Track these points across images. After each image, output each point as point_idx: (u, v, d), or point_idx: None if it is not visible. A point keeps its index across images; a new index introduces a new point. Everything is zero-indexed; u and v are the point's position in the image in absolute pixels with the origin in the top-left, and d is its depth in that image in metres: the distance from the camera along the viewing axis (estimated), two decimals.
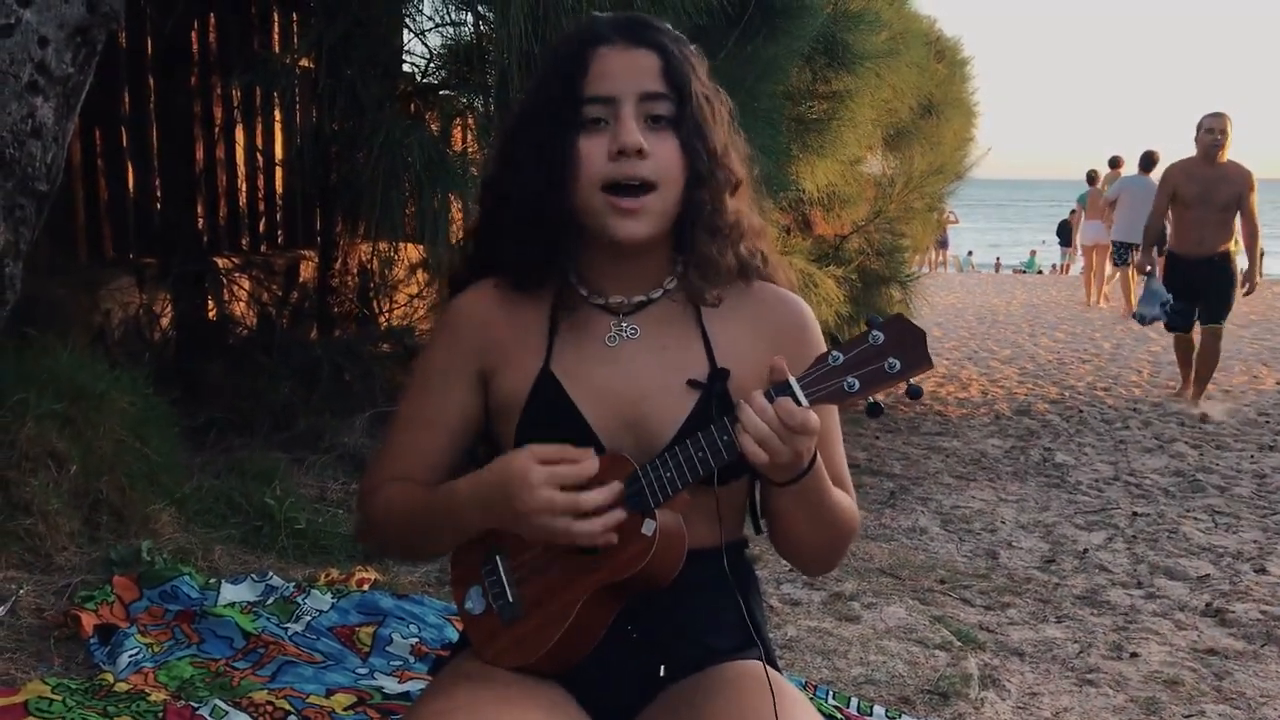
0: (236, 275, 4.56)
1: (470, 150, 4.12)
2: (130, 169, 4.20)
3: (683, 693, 1.34)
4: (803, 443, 1.23)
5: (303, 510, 3.14)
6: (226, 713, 1.92)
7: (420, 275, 4.90)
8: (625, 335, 1.40)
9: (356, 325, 4.78)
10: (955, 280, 19.48)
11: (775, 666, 1.44)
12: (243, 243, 4.89)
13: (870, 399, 1.24)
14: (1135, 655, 2.81)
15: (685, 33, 1.43)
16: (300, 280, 4.98)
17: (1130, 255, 11.35)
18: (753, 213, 1.46)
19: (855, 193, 5.99)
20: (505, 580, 1.36)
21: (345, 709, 2.02)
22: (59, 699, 1.92)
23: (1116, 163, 13.81)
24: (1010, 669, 2.68)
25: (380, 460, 1.49)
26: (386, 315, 4.89)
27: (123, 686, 2.02)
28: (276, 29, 4.87)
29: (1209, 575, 3.55)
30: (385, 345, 4.58)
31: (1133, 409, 6.78)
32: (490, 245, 1.44)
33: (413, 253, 4.82)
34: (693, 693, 1.33)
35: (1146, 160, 11.61)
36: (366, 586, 2.67)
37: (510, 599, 1.35)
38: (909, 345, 1.21)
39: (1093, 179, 14.20)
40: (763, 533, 1.45)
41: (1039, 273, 24.86)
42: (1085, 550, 3.79)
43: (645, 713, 1.36)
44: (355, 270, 4.78)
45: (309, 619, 2.45)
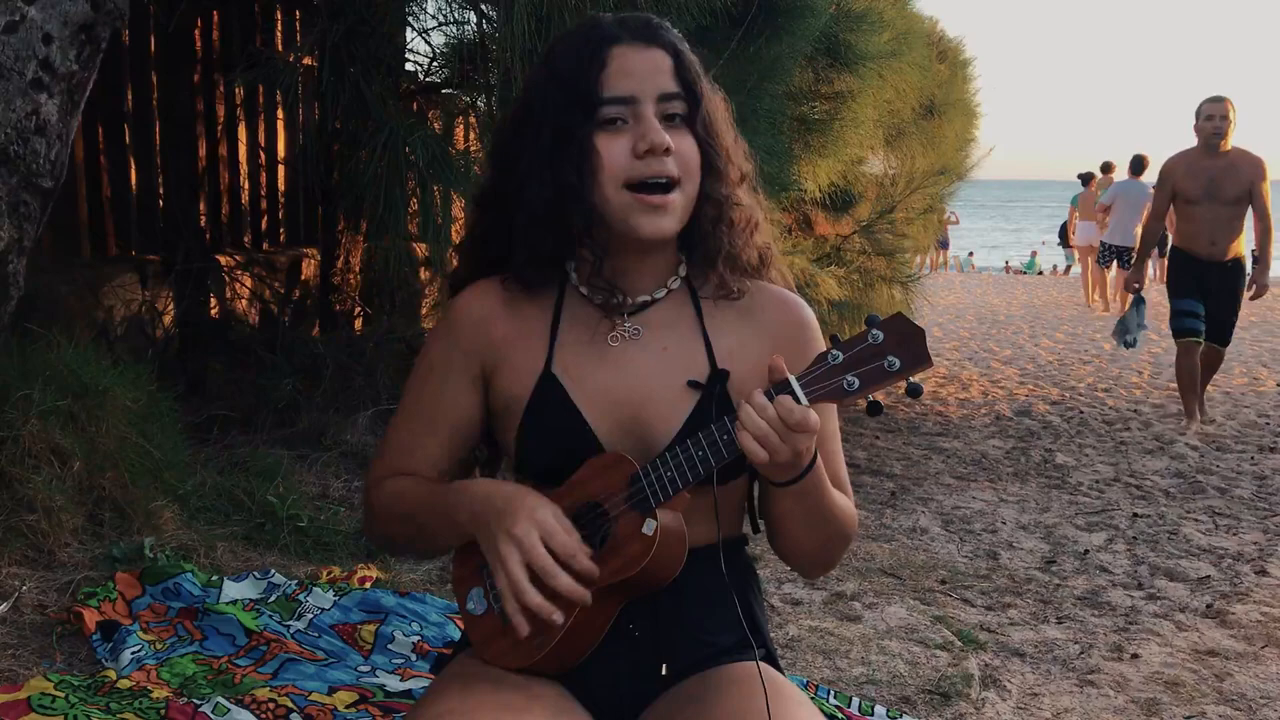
0: (239, 272, 4.57)
1: (473, 149, 4.13)
2: (133, 166, 4.22)
3: (686, 691, 1.34)
4: (802, 441, 1.23)
5: (305, 507, 3.15)
6: (228, 710, 1.92)
7: (423, 272, 4.90)
8: (627, 336, 1.40)
9: (362, 322, 4.79)
10: (956, 281, 19.48)
11: (776, 664, 1.44)
12: (245, 240, 4.91)
13: (870, 398, 1.24)
14: (1136, 656, 2.81)
15: (689, 34, 1.44)
16: (302, 278, 4.99)
17: (1124, 257, 11.32)
18: (758, 209, 1.47)
19: (857, 193, 6.00)
20: None
21: (347, 707, 2.02)
22: (61, 696, 1.93)
23: (1108, 168, 13.84)
24: (1011, 669, 2.68)
25: (382, 454, 1.50)
26: (388, 314, 4.90)
27: (125, 683, 2.03)
28: (280, 27, 4.88)
29: (1209, 576, 3.55)
30: (388, 343, 4.58)
31: (1133, 410, 6.77)
32: (494, 245, 1.44)
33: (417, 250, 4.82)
34: (696, 691, 1.33)
35: (1137, 164, 11.60)
36: (368, 584, 2.68)
37: None
38: (908, 343, 1.22)
39: (1086, 180, 14.22)
40: (760, 531, 1.46)
41: (1039, 273, 24.86)
42: (1086, 551, 3.79)
43: (648, 712, 1.36)
44: (357, 268, 4.78)
45: (311, 616, 2.45)
